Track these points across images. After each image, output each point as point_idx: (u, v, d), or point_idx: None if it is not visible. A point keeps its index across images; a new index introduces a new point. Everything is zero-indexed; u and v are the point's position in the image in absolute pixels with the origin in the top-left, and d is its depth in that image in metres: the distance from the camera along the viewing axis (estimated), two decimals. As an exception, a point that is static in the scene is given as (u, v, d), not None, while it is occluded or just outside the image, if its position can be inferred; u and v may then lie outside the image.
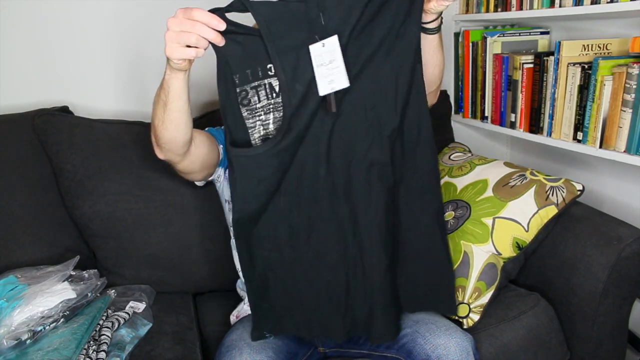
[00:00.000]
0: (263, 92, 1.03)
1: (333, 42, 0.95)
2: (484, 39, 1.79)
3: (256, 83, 1.03)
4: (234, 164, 1.02)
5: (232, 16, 0.95)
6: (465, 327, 1.27)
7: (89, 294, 1.24)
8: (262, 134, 1.04)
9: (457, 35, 1.92)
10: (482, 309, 1.29)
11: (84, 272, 1.30)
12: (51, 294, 1.18)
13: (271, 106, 1.04)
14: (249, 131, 1.04)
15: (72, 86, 1.63)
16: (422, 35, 1.07)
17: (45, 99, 1.58)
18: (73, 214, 1.43)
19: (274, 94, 1.03)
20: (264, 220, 1.06)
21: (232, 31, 0.95)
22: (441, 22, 1.10)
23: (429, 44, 1.10)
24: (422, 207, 1.10)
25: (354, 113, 1.01)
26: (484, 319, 1.29)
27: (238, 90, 1.01)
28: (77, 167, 1.40)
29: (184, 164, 1.15)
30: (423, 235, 1.12)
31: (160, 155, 1.12)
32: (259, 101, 1.03)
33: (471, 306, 1.28)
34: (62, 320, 1.15)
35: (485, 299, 1.29)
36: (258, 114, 1.04)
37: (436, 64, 1.14)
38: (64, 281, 1.24)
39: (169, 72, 0.98)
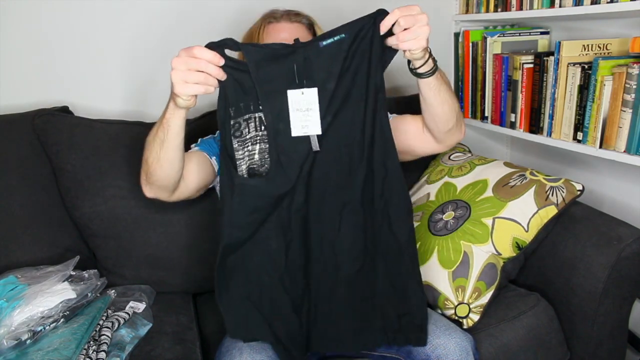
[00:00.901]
0: (253, 124, 1.06)
1: (312, 93, 1.02)
2: (484, 39, 1.79)
3: (247, 115, 1.06)
4: (237, 191, 1.05)
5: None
6: (465, 327, 1.27)
7: (89, 294, 1.24)
8: (247, 164, 1.07)
9: (457, 35, 1.92)
10: (482, 309, 1.29)
11: (84, 272, 1.30)
12: (51, 294, 1.18)
13: (258, 137, 1.07)
14: (237, 162, 1.07)
15: (72, 86, 1.63)
16: (420, 79, 1.08)
17: (45, 99, 1.58)
18: (73, 214, 1.43)
19: (262, 127, 1.06)
20: (248, 246, 1.09)
21: (229, 66, 0.99)
22: (434, 63, 1.07)
23: (426, 86, 1.09)
24: (391, 238, 1.11)
25: (332, 150, 1.07)
26: (483, 319, 1.29)
27: (232, 122, 1.05)
28: (77, 167, 1.40)
29: (173, 198, 1.16)
30: (392, 264, 1.12)
31: (149, 193, 1.14)
32: (249, 132, 1.07)
33: (471, 306, 1.28)
34: (62, 320, 1.15)
35: (485, 299, 1.29)
36: (247, 144, 1.07)
37: (441, 103, 1.11)
38: (64, 281, 1.24)
39: (172, 111, 1.00)
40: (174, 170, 1.08)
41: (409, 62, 1.06)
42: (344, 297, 1.11)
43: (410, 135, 1.24)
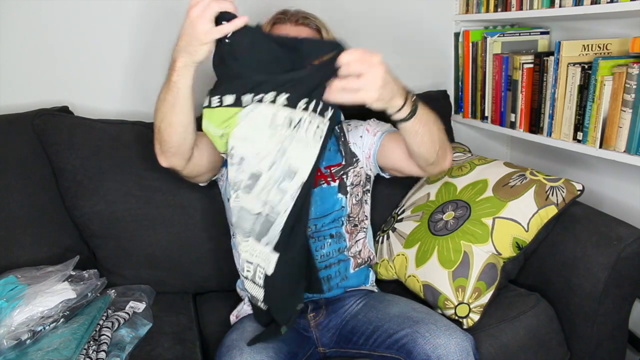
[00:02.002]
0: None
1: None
2: (484, 39, 1.79)
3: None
4: None
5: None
6: (465, 327, 1.27)
7: (89, 294, 1.24)
8: None
9: (457, 35, 1.92)
10: (482, 309, 1.29)
11: (84, 272, 1.30)
12: (51, 294, 1.18)
13: None
14: None
15: (72, 86, 1.63)
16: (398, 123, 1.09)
17: (45, 99, 1.58)
18: (73, 214, 1.43)
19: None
20: None
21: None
22: (413, 105, 1.06)
23: (402, 130, 1.10)
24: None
25: None
26: (483, 319, 1.29)
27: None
28: (77, 167, 1.40)
29: (188, 169, 1.15)
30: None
31: (164, 162, 1.12)
32: None
33: (471, 306, 1.28)
34: (62, 320, 1.15)
35: (485, 299, 1.29)
36: None
37: (418, 144, 1.13)
38: (64, 281, 1.24)
39: (180, 71, 0.99)
40: (187, 132, 1.07)
41: None
42: None
43: (397, 158, 1.27)
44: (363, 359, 1.19)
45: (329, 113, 1.03)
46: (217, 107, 1.01)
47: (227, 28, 0.95)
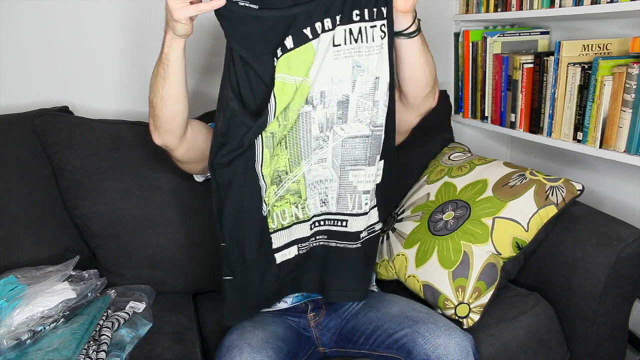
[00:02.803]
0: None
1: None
2: (484, 39, 1.79)
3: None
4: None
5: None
6: (465, 327, 1.27)
7: (89, 294, 1.24)
8: None
9: (457, 35, 1.92)
10: (482, 309, 1.29)
11: (84, 272, 1.30)
12: (51, 294, 1.18)
13: None
14: None
15: (72, 86, 1.63)
16: (403, 41, 1.10)
17: (45, 99, 1.58)
18: (73, 214, 1.43)
19: None
20: None
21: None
22: (419, 23, 1.10)
23: (411, 48, 1.11)
24: None
25: None
26: (484, 319, 1.29)
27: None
28: (77, 167, 1.40)
29: (181, 149, 1.15)
30: None
31: (157, 139, 1.13)
32: None
33: (471, 306, 1.28)
34: (62, 320, 1.15)
35: (485, 299, 1.29)
36: None
37: (424, 64, 1.14)
38: (64, 281, 1.24)
39: (168, 43, 1.00)
40: (177, 108, 1.07)
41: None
42: None
43: None
44: (363, 359, 1.19)
45: (385, 11, 1.03)
46: (282, 55, 1.00)
47: (202, 7, 0.95)
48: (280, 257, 1.16)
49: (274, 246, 1.15)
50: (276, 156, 1.09)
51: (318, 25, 1.01)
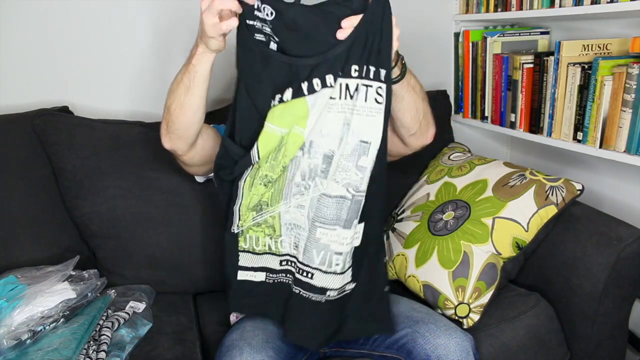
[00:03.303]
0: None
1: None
2: (484, 39, 1.79)
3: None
4: None
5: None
6: (465, 327, 1.27)
7: (89, 294, 1.24)
8: None
9: (457, 35, 1.92)
10: (482, 309, 1.29)
11: (84, 272, 1.30)
12: (51, 294, 1.18)
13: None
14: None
15: (72, 86, 1.63)
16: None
17: (45, 99, 1.58)
18: (73, 214, 1.43)
19: None
20: None
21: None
22: (403, 69, 1.07)
23: (394, 91, 1.08)
24: None
25: None
26: (484, 319, 1.29)
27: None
28: (77, 167, 1.40)
29: (189, 154, 1.15)
30: None
31: (167, 144, 1.13)
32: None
33: (471, 306, 1.28)
34: (62, 320, 1.15)
35: (485, 299, 1.29)
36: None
37: (402, 110, 1.12)
38: (64, 281, 1.24)
39: (199, 56, 1.01)
40: (196, 117, 1.08)
41: None
42: None
43: None
44: (363, 359, 1.19)
45: (383, 73, 1.01)
46: (276, 105, 1.01)
47: (232, 23, 0.96)
48: (242, 275, 1.15)
49: (240, 263, 1.15)
50: (262, 195, 1.09)
51: (316, 81, 0.99)
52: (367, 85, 1.00)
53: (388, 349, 1.15)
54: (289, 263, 1.14)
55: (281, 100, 1.01)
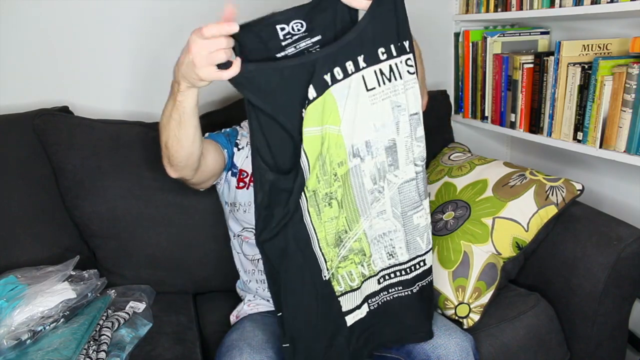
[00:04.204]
0: None
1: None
2: (484, 39, 1.79)
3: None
4: None
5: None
6: (465, 327, 1.27)
7: (89, 294, 1.24)
8: None
9: (457, 35, 1.93)
10: (482, 309, 1.29)
11: (84, 272, 1.30)
12: (51, 294, 1.17)
13: None
14: None
15: (72, 86, 1.63)
16: None
17: (45, 99, 1.58)
18: (73, 214, 1.42)
19: None
20: None
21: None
22: None
23: None
24: None
25: None
26: (484, 319, 1.29)
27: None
28: (77, 167, 1.40)
29: (196, 178, 1.16)
30: None
31: (174, 174, 1.12)
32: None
33: (471, 306, 1.28)
34: (62, 320, 1.15)
35: (485, 299, 1.29)
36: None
37: None
38: (64, 281, 1.24)
39: (183, 92, 0.97)
40: (195, 147, 1.07)
41: None
42: None
43: None
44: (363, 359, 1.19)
45: (407, 44, 1.01)
46: (310, 104, 0.96)
47: (229, 74, 0.91)
48: (351, 319, 1.07)
49: (344, 309, 1.06)
50: (335, 219, 1.01)
51: (337, 70, 0.96)
52: (397, 63, 1.00)
53: (388, 350, 1.15)
54: (390, 276, 1.09)
55: (309, 102, 0.96)
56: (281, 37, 0.97)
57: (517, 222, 1.34)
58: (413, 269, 1.10)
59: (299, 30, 0.97)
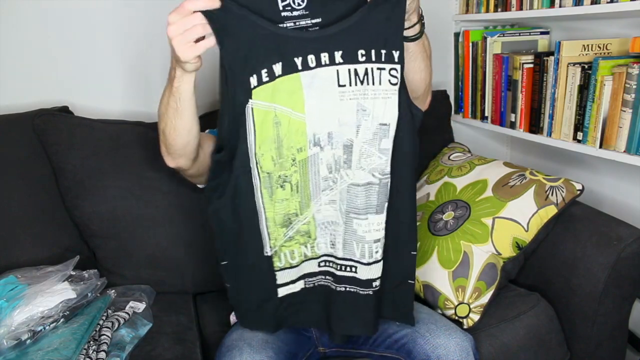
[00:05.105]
0: None
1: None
2: (484, 39, 1.79)
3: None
4: None
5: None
6: (465, 327, 1.27)
7: (89, 294, 1.24)
8: None
9: (457, 35, 1.93)
10: (482, 309, 1.29)
11: (84, 272, 1.30)
12: (51, 294, 1.17)
13: None
14: None
15: (72, 86, 1.63)
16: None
17: (45, 99, 1.58)
18: (73, 214, 1.43)
19: None
20: None
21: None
22: (421, 29, 1.06)
23: (407, 51, 1.06)
24: None
25: None
26: (484, 319, 1.29)
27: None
28: (77, 167, 1.40)
29: (194, 168, 1.15)
30: None
31: (171, 163, 1.12)
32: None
33: (471, 306, 1.28)
34: (62, 320, 1.15)
35: (485, 299, 1.29)
36: None
37: (412, 71, 1.10)
38: (64, 281, 1.24)
39: (179, 78, 0.97)
40: (192, 136, 1.06)
41: None
42: None
43: None
44: (363, 359, 1.19)
45: (397, 54, 0.99)
46: (267, 82, 0.96)
47: (207, 44, 0.92)
48: (283, 292, 1.12)
49: (278, 282, 1.11)
50: (286, 201, 1.05)
51: (311, 57, 0.96)
52: (379, 69, 0.99)
53: (388, 349, 1.15)
54: (327, 263, 1.12)
55: (272, 77, 0.96)
56: (280, 8, 0.96)
57: (517, 222, 1.34)
58: (342, 269, 1.11)
59: (299, 5, 0.96)
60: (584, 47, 1.49)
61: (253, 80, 0.96)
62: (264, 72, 0.96)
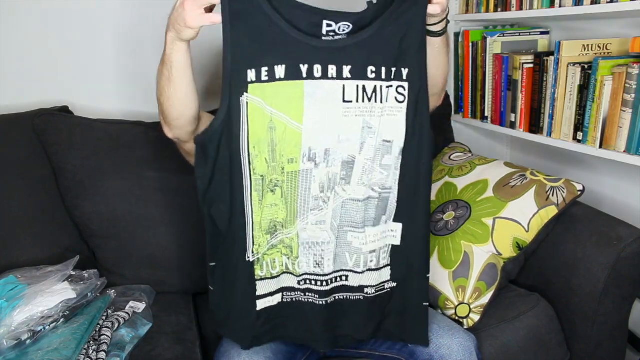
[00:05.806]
0: None
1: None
2: (484, 39, 1.79)
3: None
4: None
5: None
6: (465, 327, 1.27)
7: (89, 294, 1.24)
8: None
9: (457, 35, 1.92)
10: (482, 310, 1.29)
11: (84, 272, 1.30)
12: (51, 294, 1.17)
13: None
14: None
15: (72, 86, 1.63)
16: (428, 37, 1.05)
17: (45, 99, 1.58)
18: (73, 214, 1.42)
19: None
20: None
21: None
22: (446, 25, 1.06)
23: (430, 46, 1.06)
24: None
25: None
26: (484, 319, 1.29)
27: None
28: (77, 167, 1.40)
29: (191, 143, 1.14)
30: None
31: (169, 133, 1.11)
32: None
33: (471, 306, 1.28)
34: (62, 320, 1.15)
35: (485, 299, 1.29)
36: None
37: (436, 66, 1.10)
38: (64, 281, 1.24)
39: (170, 45, 0.96)
40: (187, 108, 1.04)
41: None
42: None
43: None
44: (363, 359, 1.19)
45: (406, 72, 0.98)
46: (266, 81, 0.93)
47: (218, 18, 0.91)
48: (261, 304, 1.08)
49: (258, 293, 1.07)
50: (275, 206, 1.02)
51: (317, 67, 0.94)
52: (387, 87, 0.98)
53: (389, 350, 1.15)
54: (310, 282, 1.08)
55: (272, 77, 0.93)
56: (324, 32, 0.96)
57: (517, 223, 1.34)
58: (329, 283, 1.07)
59: (343, 31, 0.96)
60: (584, 47, 1.49)
61: (251, 74, 0.94)
62: (264, 69, 0.94)
